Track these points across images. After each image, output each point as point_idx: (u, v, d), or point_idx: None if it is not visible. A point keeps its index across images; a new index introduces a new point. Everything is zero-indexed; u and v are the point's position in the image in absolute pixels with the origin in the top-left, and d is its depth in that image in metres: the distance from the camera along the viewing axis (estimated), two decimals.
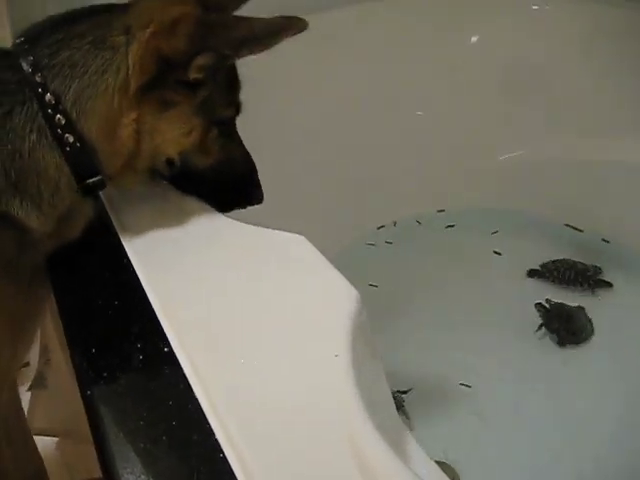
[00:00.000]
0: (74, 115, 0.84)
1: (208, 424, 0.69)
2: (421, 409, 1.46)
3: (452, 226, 1.95)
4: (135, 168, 0.91)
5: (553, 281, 1.76)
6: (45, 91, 0.83)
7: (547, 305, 1.68)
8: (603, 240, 1.86)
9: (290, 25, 0.84)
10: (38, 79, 0.83)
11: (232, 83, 0.95)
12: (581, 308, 1.68)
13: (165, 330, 0.81)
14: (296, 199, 1.09)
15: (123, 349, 0.81)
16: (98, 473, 0.71)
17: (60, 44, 0.84)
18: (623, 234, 1.82)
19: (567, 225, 1.92)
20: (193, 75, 0.87)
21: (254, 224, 0.94)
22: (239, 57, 0.88)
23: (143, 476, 0.67)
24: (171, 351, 0.78)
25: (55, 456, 1.55)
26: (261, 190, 1.01)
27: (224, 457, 0.66)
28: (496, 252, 1.88)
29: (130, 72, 0.84)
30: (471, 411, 1.49)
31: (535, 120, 1.92)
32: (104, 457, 0.70)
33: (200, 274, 0.89)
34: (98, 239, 0.95)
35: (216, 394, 0.72)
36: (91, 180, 0.88)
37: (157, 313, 0.83)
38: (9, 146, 0.82)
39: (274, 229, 0.93)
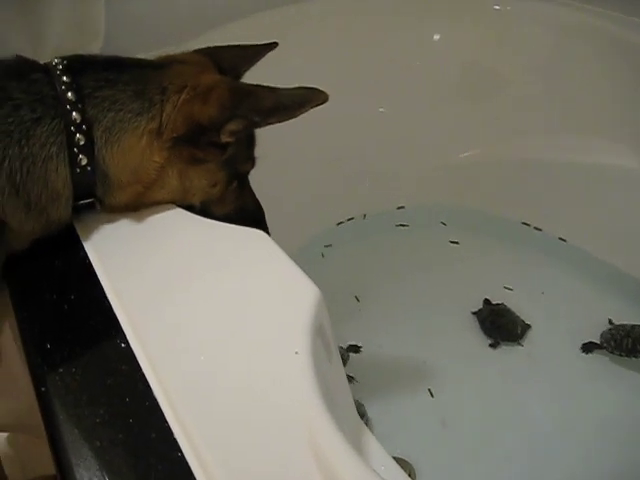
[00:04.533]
0: (102, 141, 0.89)
1: (166, 422, 0.68)
2: (383, 410, 1.46)
3: (406, 225, 1.96)
4: (143, 200, 0.95)
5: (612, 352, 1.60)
6: (73, 109, 0.87)
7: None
8: (560, 239, 1.89)
9: (313, 97, 0.90)
10: (71, 96, 0.87)
11: (251, 141, 1.02)
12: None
13: (122, 326, 0.79)
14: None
15: (79, 345, 0.79)
16: (53, 470, 0.69)
17: (108, 83, 0.90)
18: (580, 234, 1.85)
19: (524, 223, 1.94)
20: (224, 139, 0.93)
21: None
22: (267, 124, 0.92)
23: (98, 474, 0.66)
24: (129, 347, 0.76)
25: (7, 452, 1.52)
26: (268, 232, 1.06)
27: (182, 456, 0.66)
28: (453, 242, 1.91)
29: (164, 126, 0.91)
30: (431, 412, 1.50)
31: (493, 119, 1.94)
32: (58, 455, 0.68)
33: (159, 269, 0.88)
34: None
35: (174, 392, 0.71)
36: (85, 201, 0.92)
37: (114, 308, 0.81)
38: (26, 149, 0.85)
39: None
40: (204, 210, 1.00)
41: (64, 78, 0.88)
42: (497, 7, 1.85)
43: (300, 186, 1.77)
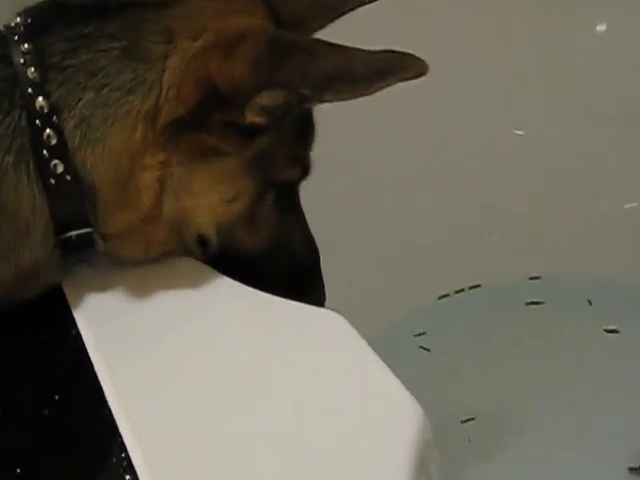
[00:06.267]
0: (76, 140, 0.83)
1: None
2: None
3: (540, 303, 1.93)
4: (148, 238, 0.90)
5: None
6: (38, 93, 0.82)
7: None
8: None
9: (402, 64, 0.81)
10: (32, 75, 0.82)
11: (303, 133, 0.95)
12: None
13: (128, 447, 0.77)
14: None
15: (62, 473, 0.78)
16: None
17: (84, 40, 0.84)
18: None
19: None
20: (251, 118, 0.84)
21: None
22: (321, 102, 0.85)
23: None
24: None
25: None
26: (323, 290, 1.02)
27: None
28: (609, 330, 1.87)
29: (162, 98, 0.84)
30: None
31: None
32: None
33: (190, 362, 0.87)
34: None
35: None
36: (75, 233, 0.87)
37: (116, 419, 0.80)
38: None
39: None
40: (224, 244, 0.93)
41: (25, 46, 0.83)
42: None
43: (388, 240, 1.76)
